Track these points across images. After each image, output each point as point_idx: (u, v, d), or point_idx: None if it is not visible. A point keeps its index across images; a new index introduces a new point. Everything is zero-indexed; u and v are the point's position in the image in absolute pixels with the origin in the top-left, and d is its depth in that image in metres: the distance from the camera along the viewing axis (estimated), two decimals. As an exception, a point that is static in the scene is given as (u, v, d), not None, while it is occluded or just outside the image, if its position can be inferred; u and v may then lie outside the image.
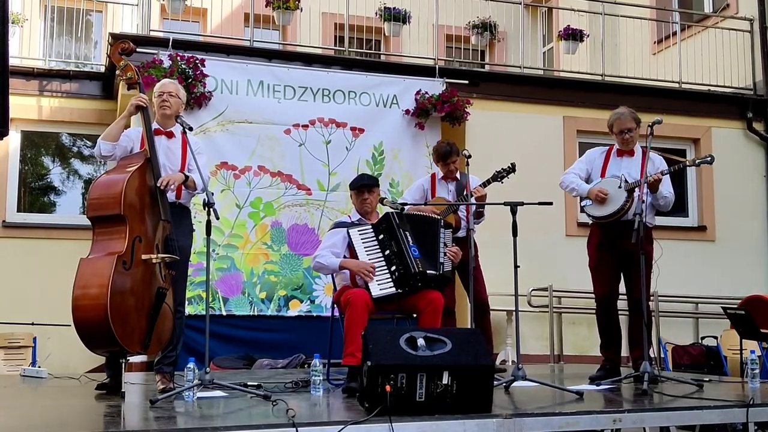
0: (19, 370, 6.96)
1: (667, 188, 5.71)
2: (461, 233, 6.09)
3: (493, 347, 6.87)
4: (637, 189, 5.58)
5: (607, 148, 6.03)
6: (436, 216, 5.64)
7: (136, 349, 4.50)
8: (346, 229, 5.28)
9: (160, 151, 4.93)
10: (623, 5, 11.22)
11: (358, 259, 5.16)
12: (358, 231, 5.24)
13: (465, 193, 6.16)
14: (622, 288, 5.88)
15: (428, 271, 5.14)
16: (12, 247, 9.29)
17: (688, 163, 5.70)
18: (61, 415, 4.21)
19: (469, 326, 6.41)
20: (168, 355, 5.02)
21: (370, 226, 5.27)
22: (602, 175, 5.87)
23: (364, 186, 5.43)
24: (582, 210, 5.96)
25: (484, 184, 6.25)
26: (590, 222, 6.00)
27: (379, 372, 3.68)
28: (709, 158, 5.64)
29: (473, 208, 6.16)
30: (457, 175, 6.30)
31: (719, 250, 10.29)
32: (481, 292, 6.24)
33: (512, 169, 6.23)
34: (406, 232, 5.19)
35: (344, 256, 5.26)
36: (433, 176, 6.62)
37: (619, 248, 5.70)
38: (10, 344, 8.46)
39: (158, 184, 4.77)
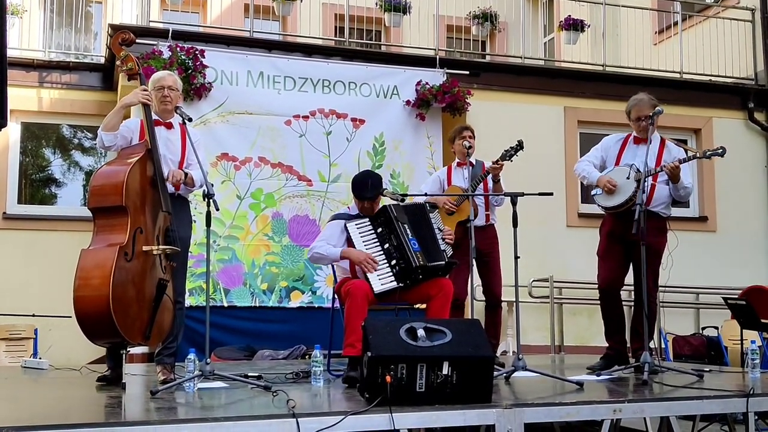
0: (20, 361, 6.98)
1: (686, 179, 5.67)
2: (479, 222, 6.04)
3: (499, 341, 6.84)
4: (648, 179, 5.54)
5: (625, 135, 5.97)
6: (419, 201, 5.61)
7: (137, 340, 4.51)
8: (344, 221, 5.26)
9: (159, 142, 4.92)
10: (624, -5, 11.19)
11: None
12: (356, 225, 5.21)
13: (479, 175, 6.13)
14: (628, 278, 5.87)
15: (435, 263, 5.13)
16: (13, 239, 9.30)
17: (699, 155, 5.64)
18: (62, 407, 4.21)
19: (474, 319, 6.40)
20: (169, 346, 5.03)
21: (368, 220, 5.24)
22: (617, 163, 5.82)
23: (366, 199, 5.27)
24: (592, 196, 5.90)
25: (496, 162, 6.18)
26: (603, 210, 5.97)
27: (380, 362, 3.69)
28: (720, 150, 5.54)
29: (490, 186, 6.14)
30: (472, 161, 6.25)
31: (720, 240, 10.29)
32: (494, 286, 6.22)
33: (520, 146, 6.07)
34: (405, 225, 5.17)
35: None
36: (449, 167, 6.60)
37: (629, 239, 5.63)
38: (11, 336, 8.49)
39: (167, 179, 4.79)
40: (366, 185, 5.31)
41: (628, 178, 5.60)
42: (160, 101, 5.08)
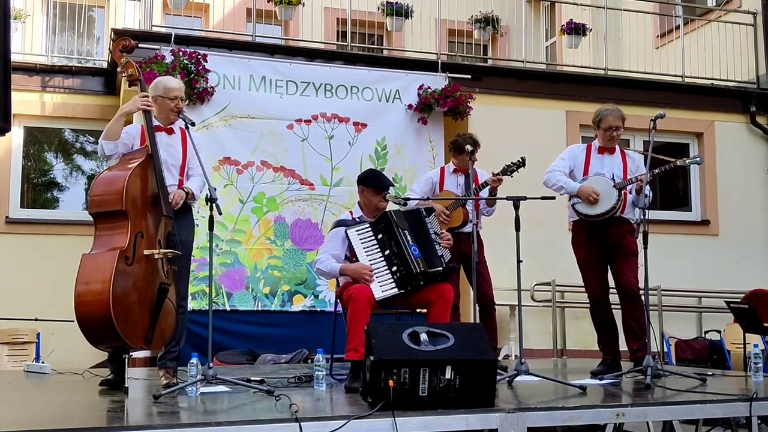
0: (22, 365, 6.97)
1: (647, 188, 5.69)
2: (468, 228, 6.04)
3: (497, 344, 6.85)
4: (632, 185, 5.60)
5: (586, 144, 6.01)
6: (416, 206, 5.59)
7: (139, 344, 4.51)
8: (344, 229, 5.24)
9: (160, 147, 4.93)
10: (626, -1, 11.21)
11: (357, 259, 5.13)
12: (356, 231, 5.19)
13: (473, 186, 6.14)
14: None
15: (434, 269, 5.12)
16: (15, 243, 9.31)
17: (678, 163, 5.66)
18: (64, 411, 4.21)
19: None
20: (171, 350, 5.02)
21: (368, 226, 5.21)
22: (585, 173, 5.85)
23: (386, 187, 5.34)
24: (572, 205, 5.89)
25: (496, 176, 6.17)
26: (573, 219, 5.97)
27: (382, 367, 3.69)
28: (698, 159, 5.61)
29: (481, 201, 6.15)
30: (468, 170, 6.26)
31: (722, 244, 10.28)
32: (486, 289, 6.22)
33: (522, 163, 6.11)
34: (405, 231, 5.15)
35: (345, 255, 5.23)
36: (443, 169, 6.59)
37: (605, 243, 5.73)
38: (13, 340, 8.51)
39: (170, 201, 4.80)
40: (382, 175, 5.51)
41: (614, 186, 5.63)
42: (172, 111, 5.05)
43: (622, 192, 5.64)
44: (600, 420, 4.08)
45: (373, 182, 5.38)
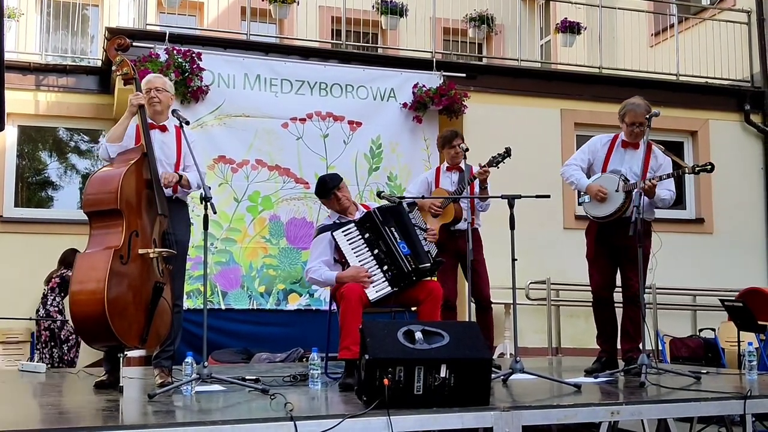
0: (17, 365, 6.96)
1: (667, 186, 5.62)
2: (462, 225, 6.03)
3: (493, 342, 6.84)
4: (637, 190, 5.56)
5: (612, 136, 5.88)
6: (394, 204, 5.53)
7: (134, 343, 4.50)
8: (330, 233, 5.20)
9: (155, 145, 4.92)
10: (620, -3, 11.22)
11: (347, 260, 5.10)
12: (343, 232, 5.15)
13: (467, 179, 6.13)
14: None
15: (423, 265, 5.10)
16: (9, 243, 9.28)
17: (687, 171, 5.60)
18: (59, 410, 4.20)
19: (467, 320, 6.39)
20: (166, 349, 5.02)
21: (354, 226, 5.18)
22: (604, 168, 5.77)
23: (335, 186, 5.30)
24: (580, 204, 5.88)
25: (483, 168, 6.17)
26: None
27: (377, 365, 3.68)
28: (708, 166, 5.51)
29: (476, 191, 6.13)
30: (462, 165, 6.26)
31: (717, 242, 10.31)
32: (482, 288, 6.21)
33: (507, 153, 6.09)
34: (392, 229, 5.12)
35: (334, 259, 5.20)
36: (438, 169, 6.59)
37: (615, 243, 5.66)
38: (8, 339, 8.49)
39: (162, 183, 4.78)
40: (324, 180, 5.39)
41: (617, 190, 5.56)
42: (149, 103, 5.07)
43: (631, 194, 5.56)
44: (595, 418, 4.08)
45: (325, 191, 5.33)
